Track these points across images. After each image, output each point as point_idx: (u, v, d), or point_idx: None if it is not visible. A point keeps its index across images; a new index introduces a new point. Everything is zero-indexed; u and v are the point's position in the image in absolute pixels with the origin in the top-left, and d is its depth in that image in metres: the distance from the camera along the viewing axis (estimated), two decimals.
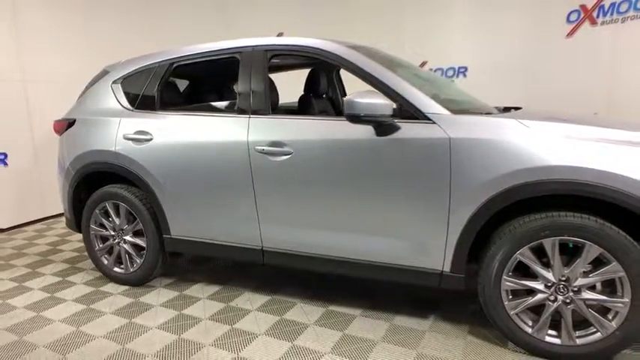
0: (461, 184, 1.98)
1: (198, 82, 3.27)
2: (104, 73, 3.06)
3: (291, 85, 3.32)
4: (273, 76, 3.74)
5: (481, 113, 2.18)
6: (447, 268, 2.10)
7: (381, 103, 2.02)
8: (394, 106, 2.06)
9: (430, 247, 2.10)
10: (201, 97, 3.18)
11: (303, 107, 2.96)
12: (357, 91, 2.05)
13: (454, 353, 2.06)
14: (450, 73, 6.05)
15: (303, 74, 3.14)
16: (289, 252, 2.42)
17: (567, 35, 5.00)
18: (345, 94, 3.36)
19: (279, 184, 2.36)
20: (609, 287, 1.89)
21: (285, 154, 2.31)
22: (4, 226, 4.36)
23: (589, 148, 1.81)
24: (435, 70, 6.10)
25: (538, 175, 1.84)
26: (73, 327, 2.43)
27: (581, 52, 4.92)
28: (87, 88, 3.12)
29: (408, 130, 2.08)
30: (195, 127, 2.60)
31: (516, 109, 2.67)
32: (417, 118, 2.09)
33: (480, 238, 2.05)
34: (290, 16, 6.38)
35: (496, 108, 2.74)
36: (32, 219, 4.57)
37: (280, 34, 6.35)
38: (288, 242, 2.42)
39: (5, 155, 4.31)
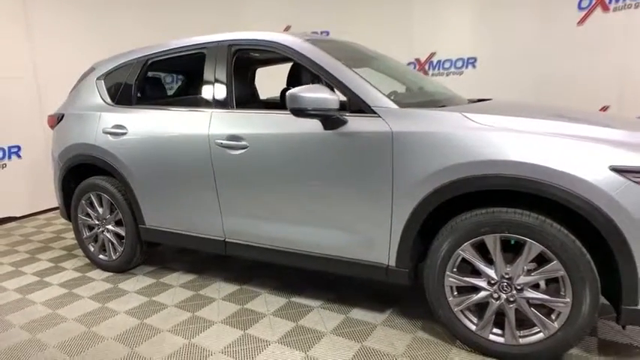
0: (403, 178, 1.96)
1: (173, 77, 3.37)
2: (91, 69, 3.22)
3: None
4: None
5: (434, 107, 2.13)
6: (392, 263, 2.09)
7: (325, 97, 2.02)
8: (340, 99, 2.06)
9: (376, 240, 2.10)
10: (175, 91, 3.28)
11: (285, 101, 2.99)
12: (302, 86, 2.06)
13: (397, 347, 2.06)
14: (459, 64, 5.90)
15: None
16: (248, 244, 2.48)
17: (579, 23, 4.76)
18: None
19: (238, 177, 2.41)
20: (555, 286, 1.83)
21: (242, 148, 2.36)
22: (18, 215, 4.68)
23: (531, 143, 1.74)
24: (444, 62, 5.97)
25: (475, 170, 1.80)
26: (50, 309, 2.60)
27: (593, 40, 4.67)
28: (76, 84, 3.29)
29: (355, 123, 2.07)
30: (164, 121, 2.70)
31: (487, 100, 2.60)
32: (364, 112, 2.08)
33: (430, 233, 2.03)
34: (297, 6, 6.38)
35: (469, 100, 2.68)
36: (44, 208, 4.87)
37: (288, 28, 6.40)
38: (246, 234, 2.48)
39: (19, 148, 4.62)
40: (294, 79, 3.01)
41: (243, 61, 2.68)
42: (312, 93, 2.02)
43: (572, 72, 4.90)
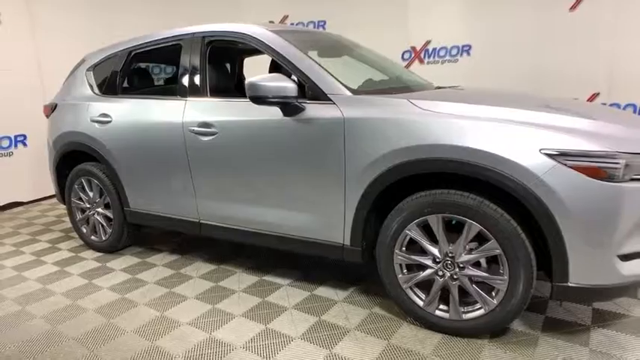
0: (353, 162, 2.07)
1: (154, 68, 3.52)
2: (82, 61, 3.39)
3: None
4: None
5: (387, 93, 2.22)
6: (347, 242, 2.21)
7: (283, 85, 2.13)
8: (296, 87, 2.15)
9: (332, 221, 2.21)
10: (156, 81, 3.42)
11: None
12: (260, 75, 2.17)
13: (352, 321, 2.19)
14: (454, 51, 5.91)
15: None
16: (219, 225, 2.63)
17: (571, 8, 4.72)
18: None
19: (208, 161, 2.55)
20: (495, 265, 1.92)
21: (212, 135, 2.49)
22: (25, 200, 4.95)
23: (469, 127, 1.82)
24: (439, 49, 5.98)
25: (415, 154, 1.90)
26: (40, 284, 2.81)
27: (584, 26, 4.64)
28: (69, 74, 3.47)
29: (312, 110, 2.18)
30: (144, 110, 2.85)
31: (455, 87, 2.68)
32: (321, 99, 2.18)
33: (385, 214, 2.13)
34: None
35: (438, 87, 2.76)
36: (49, 194, 5.11)
37: (285, 18, 6.48)
38: (217, 216, 2.63)
39: (25, 137, 4.86)
40: (275, 70, 3.12)
41: (219, 52, 2.79)
42: (270, 82, 2.13)
43: (565, 58, 4.89)
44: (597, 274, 1.74)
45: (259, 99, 2.16)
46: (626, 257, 1.75)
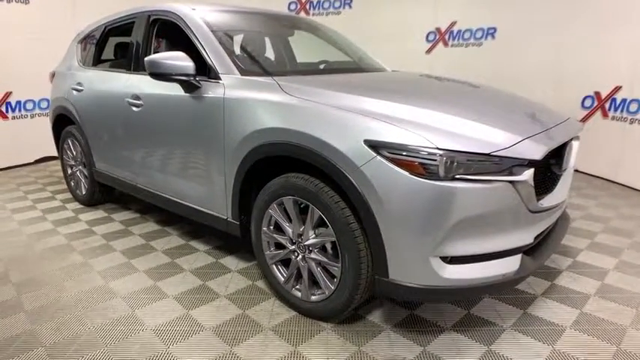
0: (230, 141, 2.18)
1: (122, 42, 3.78)
2: (77, 35, 3.81)
3: None
4: None
5: (272, 74, 2.26)
6: (229, 215, 2.34)
7: (180, 64, 2.27)
8: (194, 66, 2.28)
9: (217, 194, 2.35)
10: (121, 55, 3.70)
11: None
12: (160, 53, 2.33)
13: (228, 290, 2.34)
14: (479, 34, 5.58)
15: None
16: (145, 188, 2.90)
17: None
18: (294, 61, 3.53)
19: (137, 129, 2.81)
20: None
21: (140, 106, 2.73)
22: None
23: (311, 113, 1.86)
24: (464, 32, 5.65)
25: (269, 136, 1.96)
26: (18, 226, 3.32)
27: (610, 13, 4.11)
28: (68, 47, 3.92)
29: (205, 88, 2.31)
30: (103, 81, 3.18)
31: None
32: (216, 79, 2.30)
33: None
34: None
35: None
36: None
37: None
38: (146, 181, 2.90)
39: None
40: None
41: (164, 30, 2.93)
42: (169, 60, 2.28)
43: (589, 48, 4.40)
44: (415, 274, 1.70)
45: (159, 75, 2.32)
46: (451, 260, 1.68)
